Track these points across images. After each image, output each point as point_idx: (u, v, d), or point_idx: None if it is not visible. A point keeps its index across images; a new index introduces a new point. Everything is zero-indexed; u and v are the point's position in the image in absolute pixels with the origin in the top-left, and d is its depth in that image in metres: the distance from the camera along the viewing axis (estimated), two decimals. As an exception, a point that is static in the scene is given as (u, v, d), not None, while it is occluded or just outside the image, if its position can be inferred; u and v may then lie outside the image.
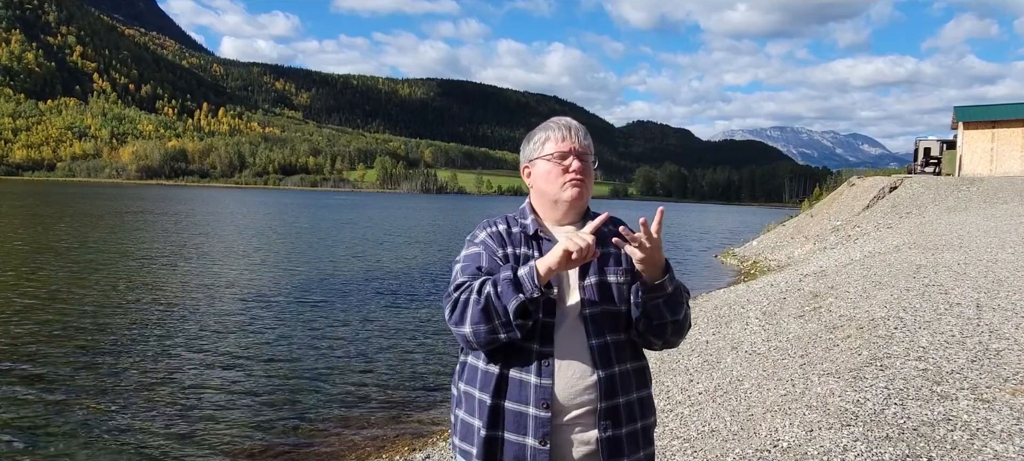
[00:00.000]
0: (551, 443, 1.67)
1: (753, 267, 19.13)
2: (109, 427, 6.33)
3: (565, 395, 1.69)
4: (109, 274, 15.76)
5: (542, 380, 1.68)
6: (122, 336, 9.84)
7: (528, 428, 1.68)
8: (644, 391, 1.81)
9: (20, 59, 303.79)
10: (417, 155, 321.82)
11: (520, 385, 1.69)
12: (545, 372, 1.68)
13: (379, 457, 5.79)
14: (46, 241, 22.62)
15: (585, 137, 1.85)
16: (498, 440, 1.71)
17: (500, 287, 1.62)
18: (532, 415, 1.67)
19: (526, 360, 1.70)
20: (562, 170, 1.81)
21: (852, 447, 3.84)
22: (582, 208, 1.86)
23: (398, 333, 10.64)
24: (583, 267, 1.75)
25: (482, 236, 1.84)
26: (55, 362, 8.32)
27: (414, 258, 22.55)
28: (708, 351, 7.24)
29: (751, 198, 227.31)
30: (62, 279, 14.64)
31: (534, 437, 1.67)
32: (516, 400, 1.69)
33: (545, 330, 1.71)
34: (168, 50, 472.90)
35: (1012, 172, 26.85)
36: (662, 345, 1.83)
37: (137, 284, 14.44)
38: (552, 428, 1.68)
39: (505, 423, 1.70)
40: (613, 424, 1.70)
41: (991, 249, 11.21)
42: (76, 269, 16.32)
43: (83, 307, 11.79)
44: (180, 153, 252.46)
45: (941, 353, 5.42)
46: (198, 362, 8.56)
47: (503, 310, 1.61)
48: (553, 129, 1.85)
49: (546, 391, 1.67)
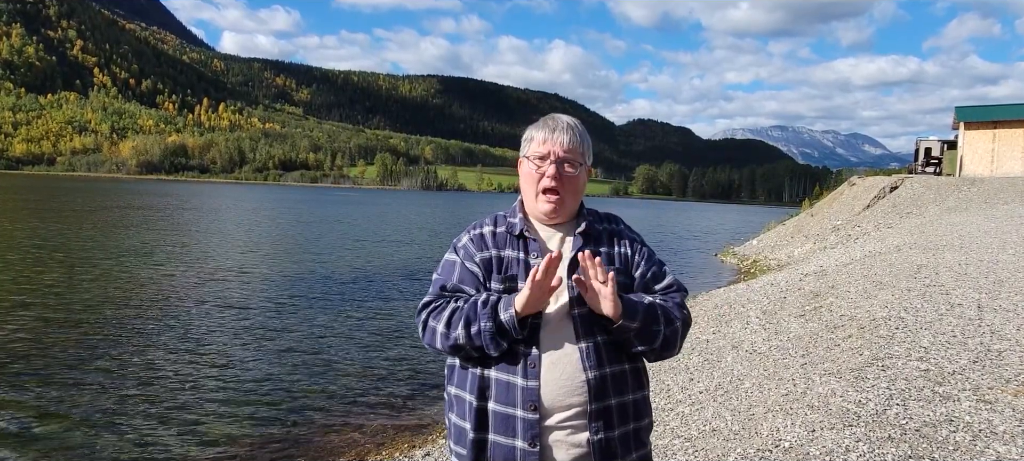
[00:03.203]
0: (541, 445, 1.65)
1: (753, 266, 19.12)
2: (107, 424, 6.33)
3: (553, 397, 1.65)
4: (107, 271, 15.75)
5: (529, 382, 1.65)
6: (120, 334, 9.83)
7: (516, 430, 1.65)
8: (640, 392, 1.75)
9: (20, 53, 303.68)
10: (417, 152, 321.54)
11: (507, 387, 1.67)
12: (531, 374, 1.65)
13: (379, 454, 5.78)
14: (46, 237, 22.60)
15: (571, 141, 1.76)
16: (487, 443, 1.69)
17: (483, 337, 1.65)
18: (520, 417, 1.65)
19: (512, 362, 1.67)
20: (538, 176, 1.76)
21: (854, 447, 3.83)
22: (566, 216, 1.80)
23: (399, 330, 10.63)
24: (572, 266, 1.72)
25: (463, 240, 1.84)
26: (54, 360, 8.32)
27: (414, 255, 22.54)
28: (709, 350, 7.23)
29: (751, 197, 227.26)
30: (61, 276, 14.63)
31: (523, 439, 1.64)
32: (503, 402, 1.67)
33: (532, 331, 1.67)
34: (168, 45, 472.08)
35: (1013, 173, 26.83)
36: (654, 359, 1.76)
37: (137, 281, 14.43)
38: (541, 430, 1.65)
39: (493, 425, 1.68)
40: (605, 426, 1.66)
41: (992, 250, 11.20)
42: (74, 266, 16.31)
43: (80, 304, 11.78)
44: (180, 148, 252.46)
45: (943, 353, 5.41)
46: (197, 359, 8.55)
47: (479, 349, 1.67)
48: (539, 129, 1.80)
49: (533, 393, 1.64)
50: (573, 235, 1.78)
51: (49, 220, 29.32)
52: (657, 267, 1.84)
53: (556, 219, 1.78)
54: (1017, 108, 28.59)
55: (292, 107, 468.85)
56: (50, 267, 15.49)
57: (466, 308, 1.69)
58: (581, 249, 1.73)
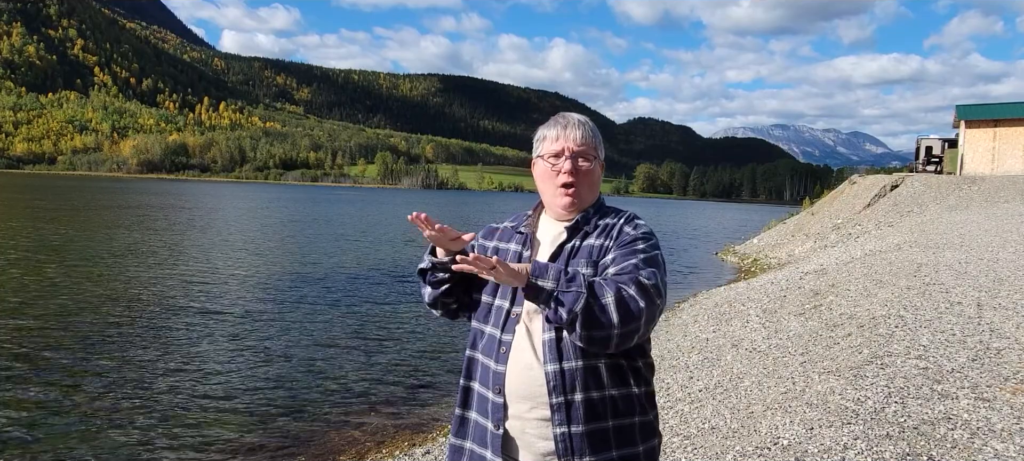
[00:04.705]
0: (509, 431, 1.71)
1: (753, 265, 19.12)
2: (107, 423, 6.34)
3: (515, 384, 1.70)
4: (107, 270, 15.76)
5: (497, 366, 1.72)
6: (120, 332, 9.84)
7: (487, 411, 1.74)
8: (621, 389, 1.69)
9: (21, 52, 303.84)
10: (418, 151, 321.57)
11: (484, 369, 1.77)
12: (501, 359, 1.72)
13: (379, 452, 5.79)
14: (46, 236, 22.63)
15: (583, 136, 1.79)
16: (467, 420, 1.80)
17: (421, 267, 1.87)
18: (491, 399, 1.73)
19: (490, 346, 1.76)
20: (555, 172, 1.79)
21: (852, 445, 3.84)
22: (584, 207, 1.81)
23: (399, 328, 10.65)
24: (554, 257, 1.76)
25: (482, 232, 1.97)
26: (54, 359, 8.33)
27: (415, 254, 22.55)
28: (708, 348, 7.24)
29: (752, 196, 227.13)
30: (60, 275, 14.65)
31: (491, 421, 1.73)
32: (482, 383, 1.77)
33: (509, 319, 1.74)
34: (169, 44, 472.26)
35: (1014, 171, 26.81)
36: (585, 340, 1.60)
37: (137, 280, 14.45)
38: (508, 415, 1.71)
39: (473, 404, 1.79)
40: (568, 420, 1.64)
41: (992, 248, 11.20)
42: (74, 265, 16.33)
43: (80, 304, 11.79)
44: (181, 147, 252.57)
45: (942, 352, 5.42)
46: (197, 357, 8.57)
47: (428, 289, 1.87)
48: (550, 127, 1.84)
49: (500, 377, 1.71)
50: None
51: (49, 219, 29.34)
52: (628, 253, 1.69)
53: (574, 212, 1.81)
54: (1018, 107, 28.56)
55: (293, 106, 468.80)
56: (49, 266, 15.51)
57: None
58: (565, 243, 1.77)
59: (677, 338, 8.27)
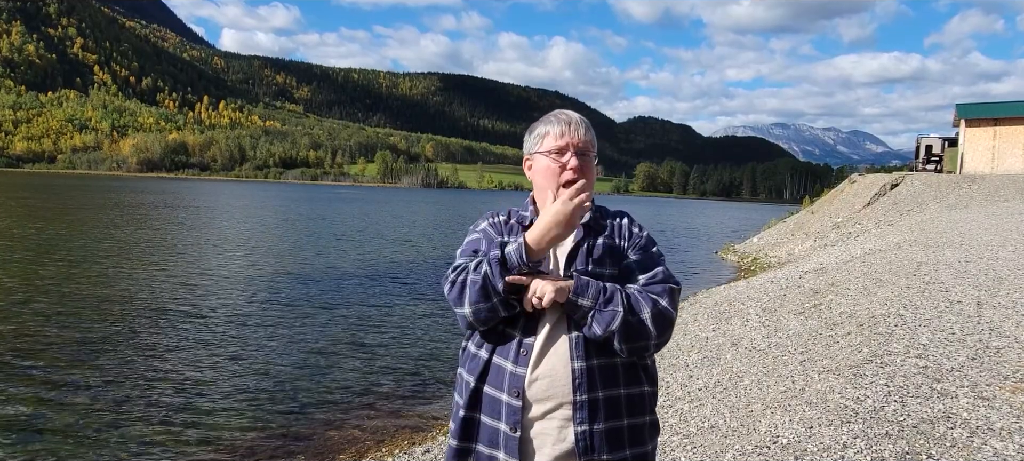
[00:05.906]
0: (526, 432, 1.68)
1: (753, 264, 19.13)
2: (107, 422, 6.34)
3: (539, 385, 1.67)
4: (107, 269, 15.77)
5: (517, 368, 1.68)
6: (120, 331, 9.85)
7: (501, 414, 1.69)
8: (635, 388, 1.73)
9: (21, 51, 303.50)
10: (418, 150, 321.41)
11: (499, 371, 1.71)
12: (521, 361, 1.69)
13: (379, 451, 5.79)
14: (46, 235, 22.62)
15: (586, 132, 1.81)
16: (475, 421, 1.74)
17: (492, 265, 1.65)
18: (505, 402, 1.68)
19: (507, 347, 1.71)
20: (560, 168, 1.78)
21: (852, 444, 3.85)
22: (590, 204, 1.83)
23: (398, 327, 10.65)
24: (570, 258, 1.75)
25: (483, 225, 1.88)
26: (54, 359, 8.33)
27: (415, 252, 22.55)
28: (708, 347, 7.24)
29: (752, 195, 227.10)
30: (60, 275, 14.65)
31: (506, 423, 1.68)
32: (494, 385, 1.71)
33: (529, 319, 1.70)
34: (169, 43, 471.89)
35: (1014, 170, 26.82)
36: (628, 352, 1.68)
37: (136, 280, 14.45)
38: (525, 417, 1.68)
39: (483, 406, 1.73)
40: (590, 419, 1.66)
41: (992, 247, 11.20)
42: (74, 264, 16.33)
43: (80, 304, 11.80)
44: (181, 146, 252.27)
45: (941, 351, 5.42)
46: (197, 356, 8.57)
47: (494, 289, 1.65)
48: (552, 124, 1.82)
49: (519, 380, 1.68)
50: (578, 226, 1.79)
51: (49, 218, 29.33)
52: (649, 259, 1.78)
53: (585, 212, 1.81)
54: (1018, 105, 28.56)
55: (292, 105, 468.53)
56: (49, 266, 15.51)
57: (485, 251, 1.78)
58: (582, 241, 1.76)
59: (677, 337, 8.27)
